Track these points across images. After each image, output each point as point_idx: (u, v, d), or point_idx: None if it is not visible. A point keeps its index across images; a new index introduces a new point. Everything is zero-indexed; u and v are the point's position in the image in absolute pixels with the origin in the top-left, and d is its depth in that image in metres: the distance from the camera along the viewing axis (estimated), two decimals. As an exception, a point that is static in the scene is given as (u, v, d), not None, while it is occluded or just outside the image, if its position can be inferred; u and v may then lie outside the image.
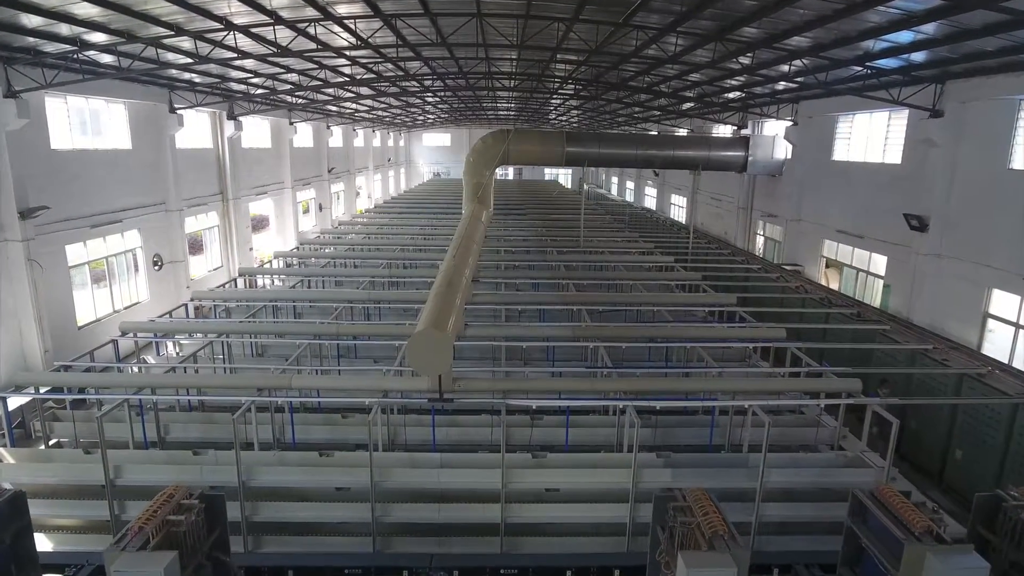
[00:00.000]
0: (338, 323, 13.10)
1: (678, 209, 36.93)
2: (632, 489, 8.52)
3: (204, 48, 13.61)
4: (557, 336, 12.44)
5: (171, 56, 14.53)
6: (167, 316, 13.87)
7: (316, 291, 16.69)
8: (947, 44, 11.63)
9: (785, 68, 15.44)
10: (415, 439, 10.06)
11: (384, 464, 8.92)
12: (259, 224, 32.93)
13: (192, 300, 15.03)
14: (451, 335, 8.03)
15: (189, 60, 14.15)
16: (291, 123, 30.62)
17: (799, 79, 14.93)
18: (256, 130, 28.23)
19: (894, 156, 16.50)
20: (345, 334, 12.56)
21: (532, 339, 12.52)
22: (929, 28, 10.96)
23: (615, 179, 56.91)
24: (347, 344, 13.16)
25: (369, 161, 48.48)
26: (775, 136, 22.21)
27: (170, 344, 13.58)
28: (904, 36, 11.89)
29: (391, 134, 55.60)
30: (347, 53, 15.78)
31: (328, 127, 36.47)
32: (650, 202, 43.61)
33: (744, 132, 24.94)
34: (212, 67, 18.22)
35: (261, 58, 15.00)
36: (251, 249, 26.58)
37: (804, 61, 13.75)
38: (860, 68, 13.75)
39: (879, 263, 17.07)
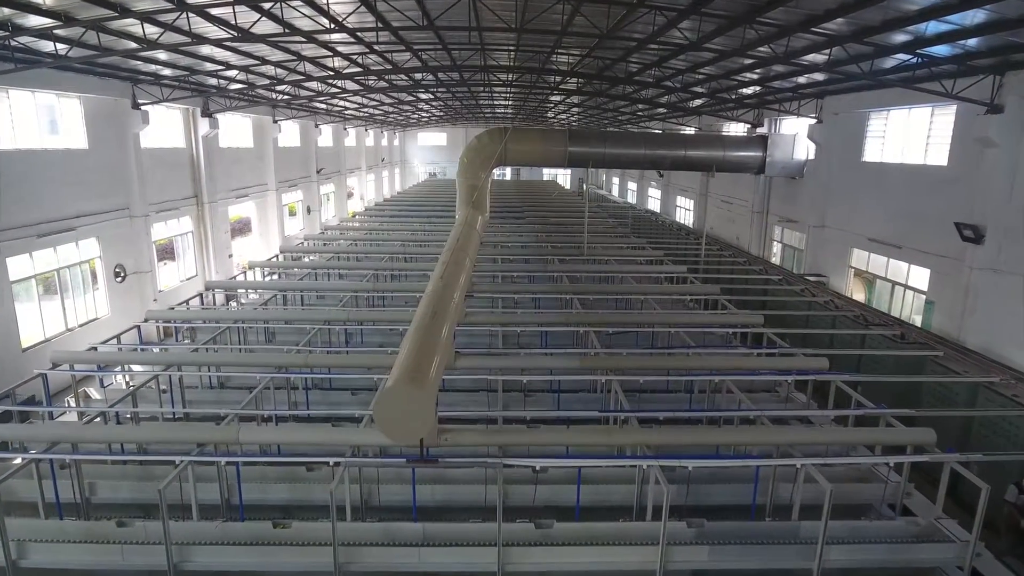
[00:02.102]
0: (308, 351, 11.33)
1: (684, 212, 35.21)
2: (660, 570, 6.85)
3: (154, 32, 11.81)
4: (563, 368, 10.71)
5: (116, 42, 12.69)
6: (115, 340, 12.09)
7: (289, 311, 14.86)
8: (1018, 27, 9.91)
9: (816, 57, 13.75)
10: (393, 499, 8.33)
11: (353, 538, 7.20)
12: (242, 228, 31.18)
13: (147, 320, 13.22)
14: (434, 386, 6.28)
15: (135, 46, 12.36)
16: (275, 121, 28.84)
17: (839, 69, 13.16)
18: (236, 128, 26.42)
19: (938, 157, 14.75)
20: (315, 365, 10.81)
21: (534, 370, 10.80)
22: (999, 6, 9.26)
23: (616, 179, 55.18)
24: (321, 372, 11.50)
25: (361, 161, 46.68)
26: (795, 135, 20.48)
27: (118, 374, 11.79)
28: (968, 16, 10.19)
29: (384, 133, 53.78)
30: (319, 38, 14.02)
31: (316, 126, 34.69)
32: (653, 204, 41.90)
33: (760, 131, 23.21)
34: (178, 58, 16.47)
35: (220, 43, 13.20)
36: (230, 256, 24.80)
37: (846, 48, 12.01)
38: (910, 56, 12.02)
39: (919, 276, 15.32)
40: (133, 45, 12.26)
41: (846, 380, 10.13)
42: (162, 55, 15.86)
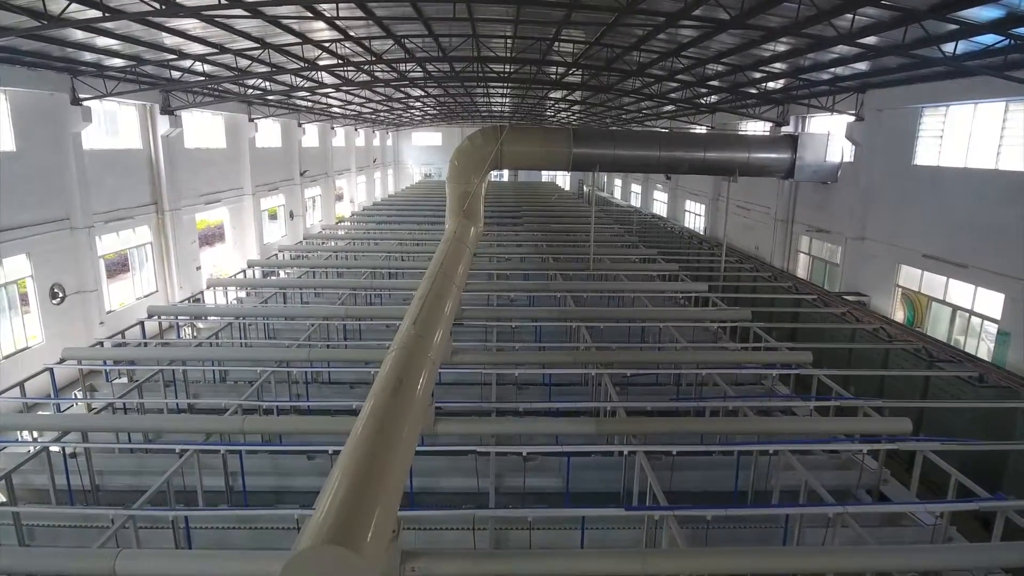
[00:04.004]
0: (259, 404, 9.05)
1: (694, 217, 32.92)
2: None
3: (56, 8, 9.47)
4: (573, 433, 8.43)
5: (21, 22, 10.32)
6: (18, 387, 9.75)
7: (245, 348, 12.37)
8: None
9: (868, 39, 11.45)
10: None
11: None
12: (216, 236, 28.92)
13: (63, 360, 10.79)
14: (382, 543, 3.96)
15: (36, 24, 10.00)
16: (251, 119, 26.48)
17: (919, 52, 10.82)
18: (205, 128, 24.06)
19: (1014, 161, 12.47)
20: (256, 431, 8.52)
21: (537, 437, 8.53)
22: None
23: (618, 181, 52.85)
24: (272, 426, 9.23)
25: (351, 162, 44.31)
26: (828, 134, 18.19)
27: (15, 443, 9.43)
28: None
29: (376, 133, 51.39)
30: (266, 12, 11.68)
31: (300, 125, 32.32)
32: (659, 208, 39.60)
33: (786, 130, 20.92)
34: (123, 46, 14.12)
35: (143, 19, 10.77)
36: (198, 268, 22.46)
37: (924, 26, 9.72)
38: (1001, 38, 9.74)
39: (990, 301, 13.03)
40: (34, 23, 9.91)
41: (937, 448, 7.90)
42: (100, 41, 13.52)
